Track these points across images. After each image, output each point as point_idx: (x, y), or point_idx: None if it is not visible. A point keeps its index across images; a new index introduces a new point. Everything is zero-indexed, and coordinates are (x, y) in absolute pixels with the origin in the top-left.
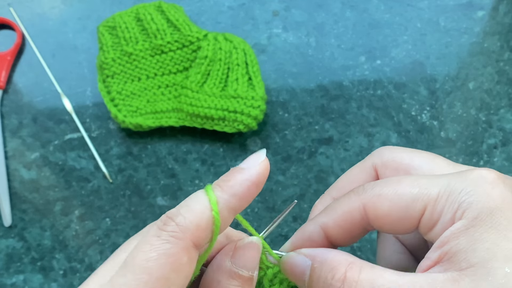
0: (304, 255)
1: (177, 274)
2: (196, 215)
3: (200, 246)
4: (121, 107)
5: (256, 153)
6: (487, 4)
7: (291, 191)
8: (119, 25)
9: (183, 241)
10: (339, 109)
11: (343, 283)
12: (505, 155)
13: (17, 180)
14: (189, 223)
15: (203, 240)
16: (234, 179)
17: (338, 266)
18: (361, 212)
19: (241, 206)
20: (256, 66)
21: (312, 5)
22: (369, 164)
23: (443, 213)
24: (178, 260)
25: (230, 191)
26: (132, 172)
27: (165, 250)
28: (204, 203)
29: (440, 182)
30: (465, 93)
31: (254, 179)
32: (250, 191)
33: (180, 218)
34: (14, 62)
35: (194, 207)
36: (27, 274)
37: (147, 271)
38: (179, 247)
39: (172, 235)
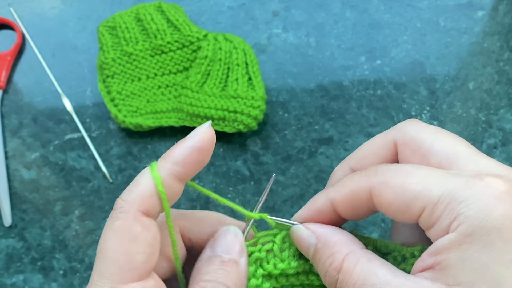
0: (311, 231)
1: (135, 244)
2: (139, 187)
3: (152, 213)
4: (121, 107)
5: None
6: (487, 4)
7: (291, 191)
8: (119, 25)
9: (130, 213)
10: (339, 109)
11: (339, 273)
12: (505, 155)
13: (17, 180)
14: (134, 194)
15: (152, 207)
16: (176, 148)
17: (337, 253)
18: (367, 195)
19: (184, 171)
20: (256, 66)
21: (312, 5)
22: (391, 138)
23: (440, 219)
24: (131, 231)
25: (171, 159)
26: (132, 172)
27: (117, 227)
28: (147, 174)
29: (445, 185)
30: (465, 93)
31: (195, 145)
32: (192, 156)
33: (126, 194)
34: (14, 62)
35: (138, 181)
36: (27, 274)
37: (108, 252)
38: (128, 219)
39: (120, 211)
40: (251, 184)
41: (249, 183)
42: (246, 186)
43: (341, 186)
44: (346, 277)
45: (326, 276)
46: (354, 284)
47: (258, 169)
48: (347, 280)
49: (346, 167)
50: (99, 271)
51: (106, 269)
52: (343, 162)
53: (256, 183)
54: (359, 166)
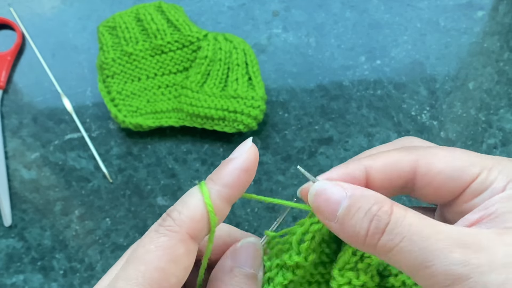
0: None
1: (174, 265)
2: (190, 208)
3: (198, 237)
4: (121, 107)
5: (243, 142)
6: (487, 4)
7: (291, 191)
8: (119, 25)
9: (179, 234)
10: (339, 109)
11: (390, 216)
12: (505, 155)
13: (17, 180)
14: (184, 216)
15: (200, 231)
16: (224, 170)
17: (383, 201)
18: (411, 165)
19: (233, 193)
20: (256, 66)
21: (312, 5)
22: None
23: (496, 181)
24: (175, 251)
25: (221, 181)
26: (132, 172)
27: (162, 243)
28: (197, 196)
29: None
30: (465, 93)
31: (243, 166)
32: (240, 178)
33: (175, 213)
34: (14, 62)
35: (188, 201)
36: (27, 274)
37: (145, 262)
38: (175, 239)
39: (169, 229)
40: (251, 184)
41: None
42: None
43: (379, 155)
44: (399, 219)
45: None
46: (409, 225)
47: (258, 169)
48: (401, 222)
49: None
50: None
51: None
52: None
53: (256, 183)
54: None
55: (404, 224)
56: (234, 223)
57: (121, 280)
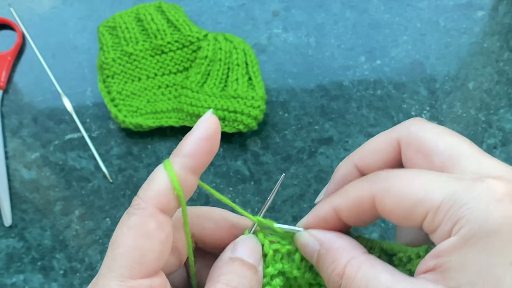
0: (314, 238)
1: (149, 240)
2: (155, 184)
3: (168, 210)
4: (121, 107)
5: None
6: (487, 4)
7: (291, 191)
8: (119, 25)
9: (147, 209)
10: (339, 109)
11: (341, 279)
12: (505, 155)
13: (17, 180)
14: (149, 192)
15: (169, 203)
16: (184, 142)
17: (339, 259)
18: (370, 202)
19: (196, 163)
20: (256, 66)
21: (312, 5)
22: (395, 136)
23: (442, 223)
24: (145, 227)
25: (182, 153)
26: (132, 172)
27: (132, 222)
28: (161, 171)
29: (447, 189)
30: (465, 93)
31: (202, 135)
32: (201, 146)
33: (142, 191)
34: (14, 62)
35: (153, 178)
36: (27, 274)
37: (121, 245)
38: (143, 215)
39: (136, 207)
40: (251, 184)
41: (249, 183)
42: (246, 186)
43: (344, 194)
44: (348, 282)
45: (329, 282)
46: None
47: (258, 169)
48: (350, 285)
49: (350, 164)
50: (109, 264)
51: (116, 262)
52: (347, 159)
53: (256, 183)
54: (363, 163)
55: (353, 287)
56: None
57: (104, 267)
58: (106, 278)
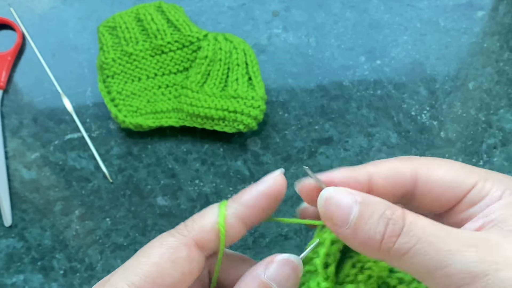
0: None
1: (172, 265)
2: (202, 219)
3: (205, 247)
4: (121, 107)
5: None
6: (487, 4)
7: (291, 191)
8: (119, 25)
9: (185, 238)
10: (339, 109)
11: (404, 220)
12: (504, 155)
13: (17, 180)
14: (195, 224)
15: (207, 241)
16: (246, 191)
17: (395, 206)
18: (412, 173)
19: (249, 213)
20: (256, 66)
21: (312, 5)
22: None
23: (491, 191)
24: (176, 252)
25: (239, 200)
26: (132, 172)
27: (167, 242)
28: (214, 210)
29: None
30: (465, 93)
31: (264, 190)
32: (259, 200)
33: (190, 221)
34: (14, 62)
35: (205, 213)
36: (27, 274)
37: (146, 255)
38: (180, 242)
39: (178, 232)
40: (251, 184)
41: (249, 183)
42: (246, 186)
43: (381, 163)
44: (413, 222)
45: (388, 225)
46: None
47: (258, 169)
48: (416, 224)
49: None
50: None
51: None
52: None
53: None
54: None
55: (418, 227)
56: None
57: (122, 268)
58: (118, 278)
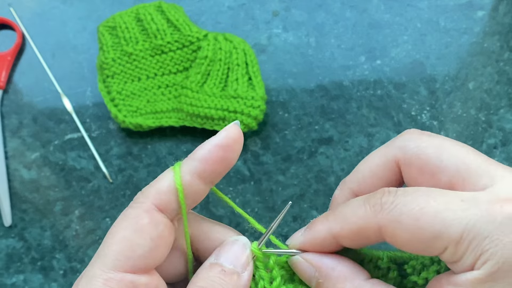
0: (310, 263)
1: (139, 234)
2: (158, 182)
3: (166, 209)
4: (121, 107)
5: None
6: (487, 4)
7: (291, 191)
8: (119, 25)
9: (144, 204)
10: (339, 109)
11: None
12: (505, 155)
13: (17, 180)
14: (151, 189)
15: (168, 203)
16: (200, 146)
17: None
18: (377, 232)
19: (206, 168)
20: (256, 66)
21: (312, 5)
22: (391, 156)
23: (464, 257)
24: (139, 221)
25: (193, 156)
26: (132, 172)
27: (128, 214)
28: (169, 171)
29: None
30: (465, 93)
31: (218, 142)
32: (213, 153)
33: (145, 188)
34: (14, 62)
35: (160, 177)
36: (27, 274)
37: (111, 233)
38: (140, 210)
39: (136, 201)
40: (251, 184)
41: (249, 183)
42: (246, 186)
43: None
44: None
45: None
46: None
47: (258, 169)
48: None
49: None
50: (99, 253)
51: (104, 252)
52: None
53: (256, 183)
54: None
55: None
56: (234, 223)
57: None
58: (93, 266)
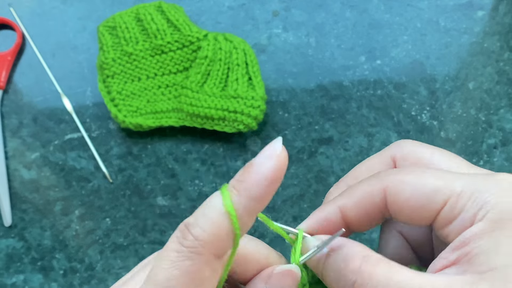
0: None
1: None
2: (214, 226)
3: (222, 255)
4: (121, 107)
5: (271, 143)
6: (487, 4)
7: (291, 191)
8: (119, 25)
9: (204, 256)
10: (339, 109)
11: (357, 275)
12: (505, 155)
13: (17, 180)
14: (207, 235)
15: (225, 249)
16: (250, 179)
17: (353, 257)
18: (381, 195)
19: (261, 207)
20: (256, 66)
21: (312, 5)
22: (388, 155)
23: (465, 209)
24: (200, 275)
25: (247, 194)
26: (132, 172)
27: (187, 267)
28: (222, 211)
29: (466, 178)
30: (465, 93)
31: (271, 176)
32: (268, 189)
33: (199, 231)
34: (14, 62)
35: (212, 216)
36: (27, 274)
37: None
38: (201, 263)
39: (192, 250)
40: None
41: None
42: None
43: (350, 192)
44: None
45: (340, 281)
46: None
47: None
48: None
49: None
50: None
51: None
52: (339, 183)
53: None
54: None
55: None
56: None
57: None
58: None
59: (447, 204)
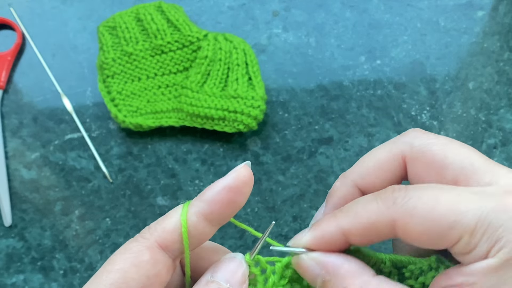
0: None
1: (136, 269)
2: (165, 220)
3: (169, 249)
4: (121, 107)
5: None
6: (487, 4)
7: (291, 191)
8: (119, 25)
9: (148, 240)
10: (339, 109)
11: None
12: (504, 155)
13: (17, 180)
14: (157, 226)
15: (171, 242)
16: (208, 187)
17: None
18: (389, 226)
19: (213, 210)
20: (256, 66)
21: (312, 5)
22: (397, 151)
23: (479, 246)
24: (139, 256)
25: (202, 197)
26: (132, 172)
27: (130, 247)
28: (178, 210)
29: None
30: (465, 93)
31: (226, 184)
32: (221, 195)
33: (153, 224)
34: (14, 62)
35: (169, 215)
36: (27, 274)
37: (111, 263)
38: (142, 245)
39: (141, 236)
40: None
41: None
42: None
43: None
44: None
45: None
46: None
47: (258, 169)
48: None
49: (350, 184)
50: (96, 276)
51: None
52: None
53: (256, 183)
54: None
55: None
56: None
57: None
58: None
59: (461, 240)
